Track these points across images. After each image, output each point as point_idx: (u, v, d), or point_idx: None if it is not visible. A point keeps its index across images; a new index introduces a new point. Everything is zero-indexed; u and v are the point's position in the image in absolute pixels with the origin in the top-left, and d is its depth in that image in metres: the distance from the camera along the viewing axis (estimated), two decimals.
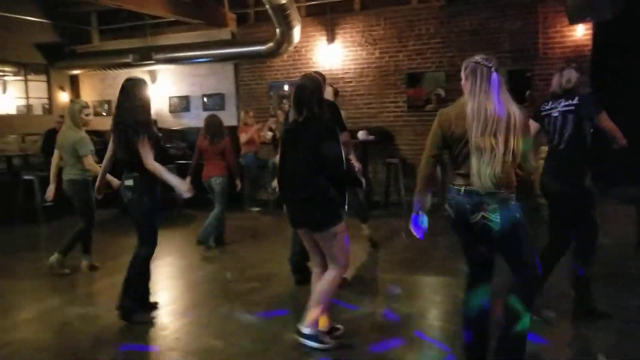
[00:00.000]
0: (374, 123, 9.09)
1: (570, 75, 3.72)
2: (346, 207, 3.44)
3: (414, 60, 8.87)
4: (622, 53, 7.15)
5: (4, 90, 12.21)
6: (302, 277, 4.77)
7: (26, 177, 8.35)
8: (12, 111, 11.89)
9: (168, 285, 5.25)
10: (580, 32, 7.90)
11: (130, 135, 3.99)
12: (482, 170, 2.74)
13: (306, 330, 3.42)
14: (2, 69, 10.82)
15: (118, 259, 5.37)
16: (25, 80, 10.97)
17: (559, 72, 3.79)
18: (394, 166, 8.81)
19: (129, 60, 10.22)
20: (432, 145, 2.96)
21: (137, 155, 3.97)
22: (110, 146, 4.30)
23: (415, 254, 5.80)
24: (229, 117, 10.10)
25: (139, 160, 3.96)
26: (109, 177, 4.76)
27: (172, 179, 4.04)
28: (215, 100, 10.44)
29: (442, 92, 8.75)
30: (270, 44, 8.97)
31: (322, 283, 3.46)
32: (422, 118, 8.84)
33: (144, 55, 10.08)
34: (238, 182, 6.42)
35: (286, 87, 9.67)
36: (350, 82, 9.28)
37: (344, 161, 3.37)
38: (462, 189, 2.84)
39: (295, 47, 9.18)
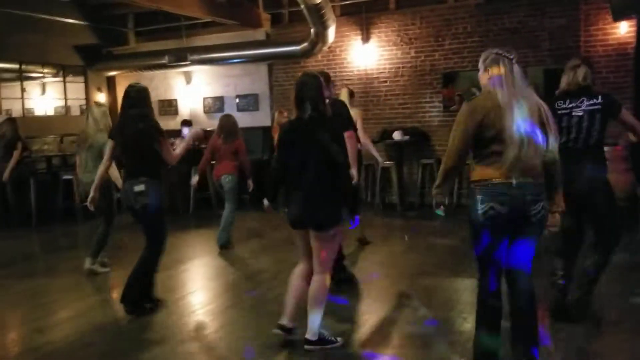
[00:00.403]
0: (409, 123, 9.00)
1: (586, 72, 3.65)
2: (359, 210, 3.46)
3: (451, 60, 8.76)
4: None
5: (43, 92, 12.52)
6: (345, 276, 4.81)
7: (65, 177, 8.52)
8: (51, 112, 12.18)
9: (206, 285, 5.29)
10: (624, 30, 7.68)
11: (145, 141, 4.15)
12: (523, 160, 2.74)
13: (313, 337, 3.45)
14: (41, 70, 11.10)
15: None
16: (64, 82, 11.21)
17: (572, 69, 3.70)
18: (429, 167, 8.71)
19: (164, 61, 10.35)
20: (461, 140, 2.88)
21: (149, 160, 4.16)
22: (108, 154, 4.42)
23: (456, 257, 5.71)
24: (262, 118, 10.18)
25: (151, 164, 4.16)
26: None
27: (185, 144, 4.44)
28: (249, 101, 10.49)
29: (476, 92, 8.59)
30: (305, 44, 8.98)
31: (314, 290, 3.46)
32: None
33: (179, 56, 10.20)
34: (250, 183, 6.39)
35: None
36: (385, 82, 9.21)
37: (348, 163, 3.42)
38: (514, 181, 2.77)
39: (329, 47, 9.16)
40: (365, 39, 9.23)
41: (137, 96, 4.24)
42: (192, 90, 10.88)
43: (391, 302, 4.44)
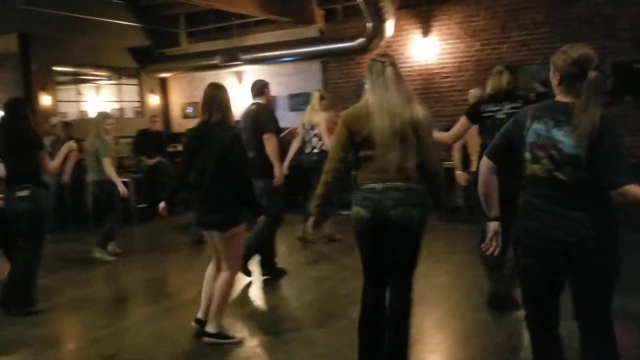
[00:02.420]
0: None
1: (509, 77, 4.00)
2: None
3: (519, 52, 8.31)
4: None
5: (98, 94, 12.79)
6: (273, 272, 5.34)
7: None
8: None
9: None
10: None
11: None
12: (393, 164, 2.82)
13: (212, 330, 3.73)
14: (96, 73, 11.30)
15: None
16: (118, 84, 11.37)
17: (497, 75, 4.03)
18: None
19: (216, 61, 10.34)
20: (335, 148, 2.99)
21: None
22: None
23: None
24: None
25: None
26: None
27: None
28: (302, 100, 10.31)
29: (539, 87, 8.15)
30: (361, 40, 8.73)
31: (219, 286, 3.73)
32: None
33: (231, 56, 10.16)
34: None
35: None
36: (448, 77, 8.84)
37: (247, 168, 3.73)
38: (376, 186, 2.85)
39: (386, 42, 8.87)
40: (426, 32, 8.88)
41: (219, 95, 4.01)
42: (244, 90, 10.78)
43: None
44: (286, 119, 8.79)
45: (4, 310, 4.46)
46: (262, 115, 5.16)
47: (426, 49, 8.89)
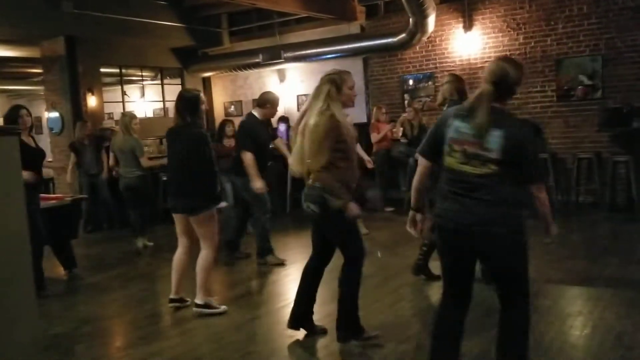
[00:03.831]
0: (520, 115, 8.51)
1: (450, 88, 4.61)
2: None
3: (565, 45, 8.25)
4: None
5: (143, 94, 13.22)
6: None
7: (165, 178, 8.87)
8: (150, 114, 12.83)
9: None
10: None
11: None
12: (295, 165, 3.72)
13: (200, 301, 4.45)
14: (140, 73, 11.71)
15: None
16: (162, 84, 11.74)
17: (444, 85, 4.74)
18: (542, 161, 8.24)
19: (258, 60, 10.57)
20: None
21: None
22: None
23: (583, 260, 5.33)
24: (358, 114, 10.06)
25: None
26: None
27: None
28: None
29: (585, 79, 8.07)
30: (402, 35, 8.82)
31: (201, 263, 4.43)
32: (575, 108, 8.21)
33: (273, 55, 10.37)
34: None
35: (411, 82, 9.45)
36: None
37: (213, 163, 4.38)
38: (308, 183, 3.62)
39: (428, 37, 8.93)
40: (468, 26, 8.90)
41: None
42: (286, 88, 11.02)
43: None
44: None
45: None
46: (242, 132, 5.86)
47: (468, 44, 8.91)
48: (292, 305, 3.95)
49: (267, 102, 5.83)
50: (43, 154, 5.42)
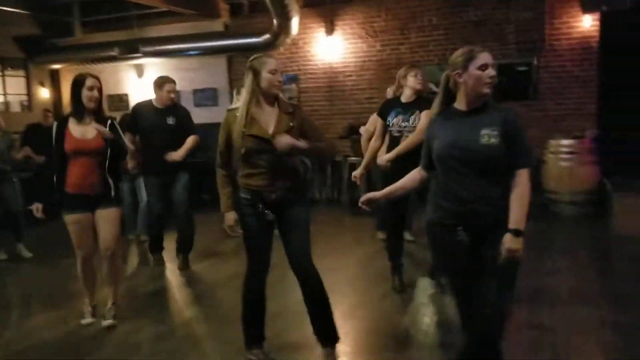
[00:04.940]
0: None
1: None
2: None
3: (417, 53, 8.92)
4: (631, 44, 7.25)
5: None
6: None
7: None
8: None
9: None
10: (588, 23, 8.01)
11: None
12: None
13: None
14: None
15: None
16: (3, 76, 10.75)
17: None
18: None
19: (114, 53, 10.12)
20: None
21: None
22: None
23: None
24: (222, 113, 10.01)
25: None
26: None
27: None
28: (207, 95, 10.37)
29: (433, 87, 8.82)
30: (267, 36, 8.95)
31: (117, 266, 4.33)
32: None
33: (131, 48, 9.99)
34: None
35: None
36: (351, 75, 9.30)
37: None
38: None
39: (292, 39, 9.17)
40: (330, 31, 9.29)
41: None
42: (145, 84, 10.63)
43: None
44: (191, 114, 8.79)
45: None
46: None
47: (331, 48, 9.30)
48: None
49: (156, 84, 5.66)
50: None
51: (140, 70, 10.75)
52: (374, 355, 3.66)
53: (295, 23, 8.73)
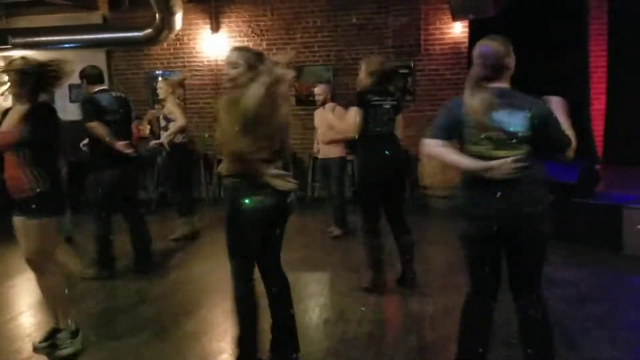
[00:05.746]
0: None
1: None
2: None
3: (303, 54, 9.14)
4: None
5: None
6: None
7: None
8: None
9: None
10: (458, 30, 8.65)
11: None
12: None
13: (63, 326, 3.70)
14: None
15: None
16: None
17: (377, 75, 4.79)
18: None
19: None
20: None
21: None
22: None
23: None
24: None
25: None
26: None
27: None
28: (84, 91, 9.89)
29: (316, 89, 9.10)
30: (149, 30, 8.74)
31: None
32: (311, 112, 9.13)
33: None
34: None
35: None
36: None
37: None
38: None
39: (177, 35, 9.03)
40: (215, 28, 9.26)
41: None
42: None
43: None
44: (66, 110, 8.40)
45: None
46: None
47: (216, 45, 9.27)
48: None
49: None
50: None
51: None
52: None
53: (179, 18, 8.60)
